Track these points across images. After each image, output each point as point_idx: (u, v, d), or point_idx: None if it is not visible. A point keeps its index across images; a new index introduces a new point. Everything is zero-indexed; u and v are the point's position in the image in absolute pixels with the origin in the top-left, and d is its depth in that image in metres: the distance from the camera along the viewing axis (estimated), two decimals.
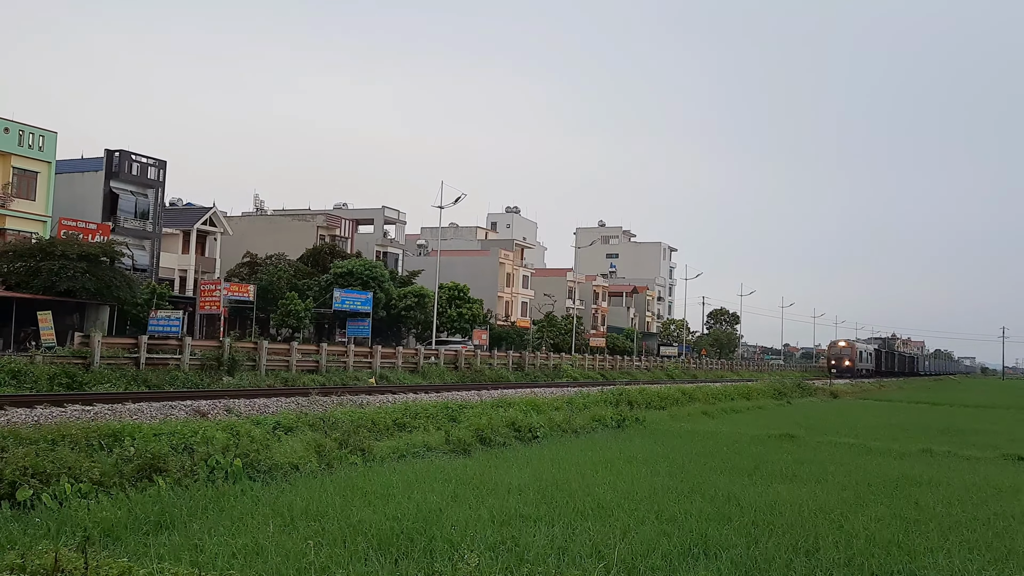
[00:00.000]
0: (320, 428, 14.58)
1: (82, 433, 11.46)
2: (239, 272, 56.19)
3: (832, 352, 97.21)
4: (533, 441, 16.16)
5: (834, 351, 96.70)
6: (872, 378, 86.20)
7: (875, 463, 15.12)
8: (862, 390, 56.67)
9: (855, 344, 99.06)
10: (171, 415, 17.24)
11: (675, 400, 29.30)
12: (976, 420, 30.08)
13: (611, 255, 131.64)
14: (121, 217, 49.56)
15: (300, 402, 20.53)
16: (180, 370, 27.21)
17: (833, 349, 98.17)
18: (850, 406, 37.34)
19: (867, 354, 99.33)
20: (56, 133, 45.66)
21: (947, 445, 19.15)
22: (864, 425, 24.66)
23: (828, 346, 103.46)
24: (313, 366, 33.22)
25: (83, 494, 8.73)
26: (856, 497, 11.02)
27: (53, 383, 22.38)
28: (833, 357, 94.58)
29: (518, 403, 20.65)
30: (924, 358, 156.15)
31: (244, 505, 8.75)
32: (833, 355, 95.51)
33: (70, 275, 35.55)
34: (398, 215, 78.26)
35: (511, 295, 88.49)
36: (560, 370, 50.37)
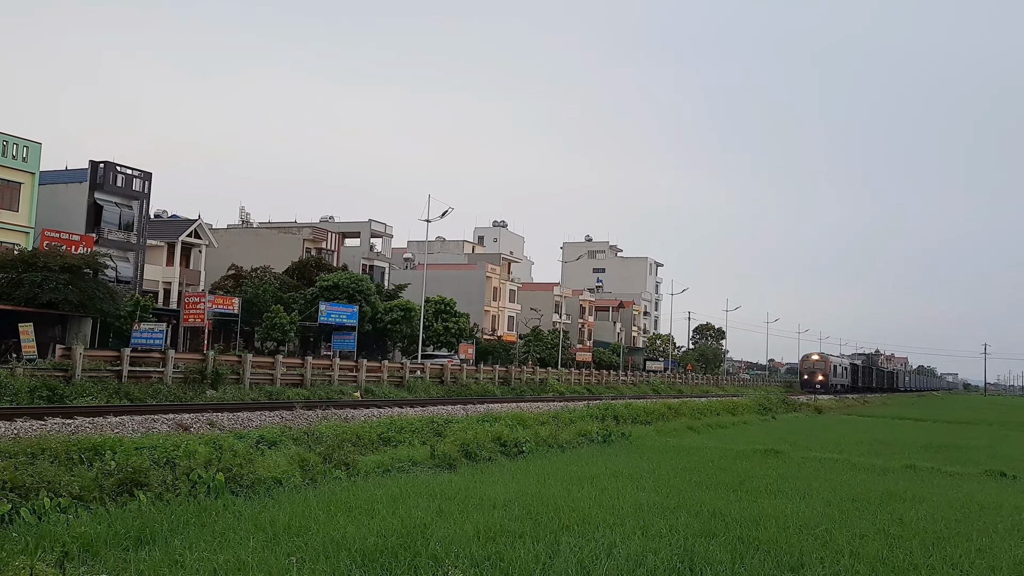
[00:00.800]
0: (304, 442, 14.50)
1: (62, 447, 11.34)
2: (224, 285, 55.88)
3: (804, 366, 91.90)
4: (519, 456, 16.10)
5: (806, 365, 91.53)
6: (848, 394, 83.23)
7: (859, 479, 15.16)
8: (846, 406, 56.93)
9: (829, 358, 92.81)
10: (153, 429, 17.09)
11: (661, 415, 29.32)
12: (959, 436, 30.26)
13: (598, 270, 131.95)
14: (105, 229, 49.22)
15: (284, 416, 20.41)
16: (163, 383, 26.99)
17: (805, 363, 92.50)
18: (834, 422, 37.47)
19: (842, 369, 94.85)
20: (40, 144, 45.38)
21: (930, 461, 19.24)
22: (848, 441, 24.74)
23: (800, 360, 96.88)
24: (298, 380, 33.02)
25: (62, 508, 8.63)
26: (841, 513, 11.04)
27: (34, 396, 22.13)
28: (805, 372, 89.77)
29: (504, 418, 20.61)
30: (904, 373, 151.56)
31: (226, 520, 8.65)
32: (805, 369, 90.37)
33: (52, 287, 35.23)
34: (385, 228, 78.19)
35: (498, 309, 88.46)
36: (546, 385, 50.33)
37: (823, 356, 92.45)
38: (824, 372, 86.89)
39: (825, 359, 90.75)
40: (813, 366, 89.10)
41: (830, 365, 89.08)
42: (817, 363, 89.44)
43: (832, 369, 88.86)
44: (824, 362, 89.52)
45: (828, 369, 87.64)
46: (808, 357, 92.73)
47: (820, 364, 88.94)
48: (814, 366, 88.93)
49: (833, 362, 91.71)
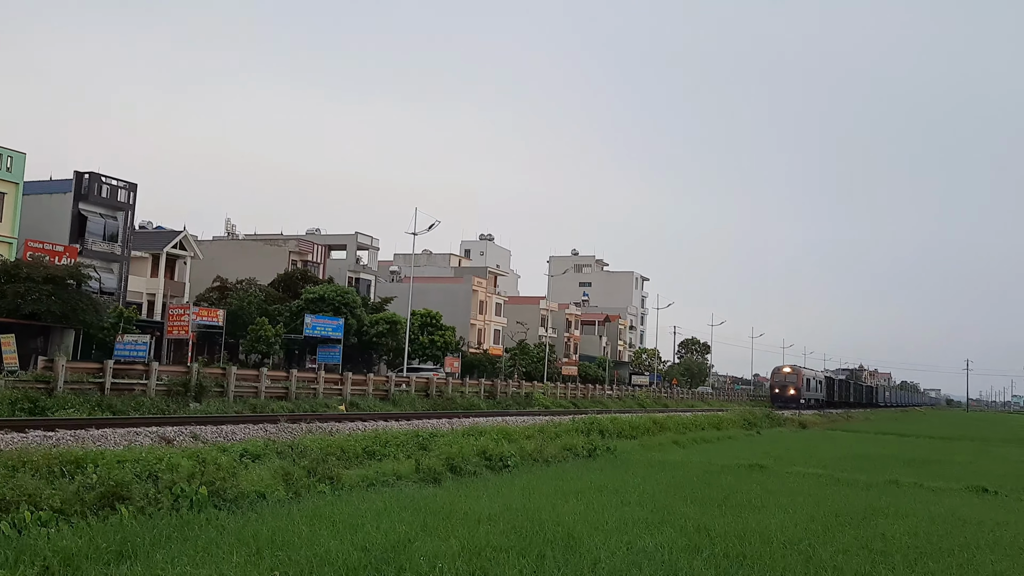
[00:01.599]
0: (288, 456, 14.41)
1: (43, 460, 11.21)
2: (209, 296, 55.59)
3: (775, 380, 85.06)
4: (504, 470, 16.08)
5: (777, 379, 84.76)
6: (822, 409, 78.12)
7: (842, 494, 15.24)
8: (830, 421, 57.20)
9: (801, 371, 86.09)
10: (136, 442, 16.94)
11: (646, 429, 29.35)
12: (941, 451, 30.46)
13: (584, 284, 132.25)
14: (89, 240, 48.90)
15: (268, 429, 20.29)
16: (146, 396, 26.78)
17: (776, 376, 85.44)
18: (818, 437, 37.64)
19: (816, 382, 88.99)
20: (25, 154, 45.12)
21: (913, 476, 19.37)
22: (832, 456, 24.86)
23: (771, 373, 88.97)
24: (282, 392, 32.85)
25: (43, 522, 8.54)
26: (824, 528, 11.09)
27: (15, 408, 21.91)
28: (776, 385, 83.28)
29: (489, 432, 20.58)
30: (884, 389, 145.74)
31: (209, 535, 8.59)
32: (776, 383, 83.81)
33: (35, 298, 34.94)
34: (371, 241, 78.08)
35: (484, 322, 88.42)
36: (532, 398, 50.28)
37: (795, 369, 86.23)
38: (796, 386, 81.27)
39: (797, 372, 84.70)
40: (784, 379, 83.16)
41: (803, 378, 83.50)
42: (788, 376, 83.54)
43: (805, 383, 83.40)
44: (796, 375, 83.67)
45: (801, 383, 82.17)
46: (779, 370, 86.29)
47: (792, 377, 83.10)
48: (785, 379, 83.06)
49: (806, 375, 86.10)
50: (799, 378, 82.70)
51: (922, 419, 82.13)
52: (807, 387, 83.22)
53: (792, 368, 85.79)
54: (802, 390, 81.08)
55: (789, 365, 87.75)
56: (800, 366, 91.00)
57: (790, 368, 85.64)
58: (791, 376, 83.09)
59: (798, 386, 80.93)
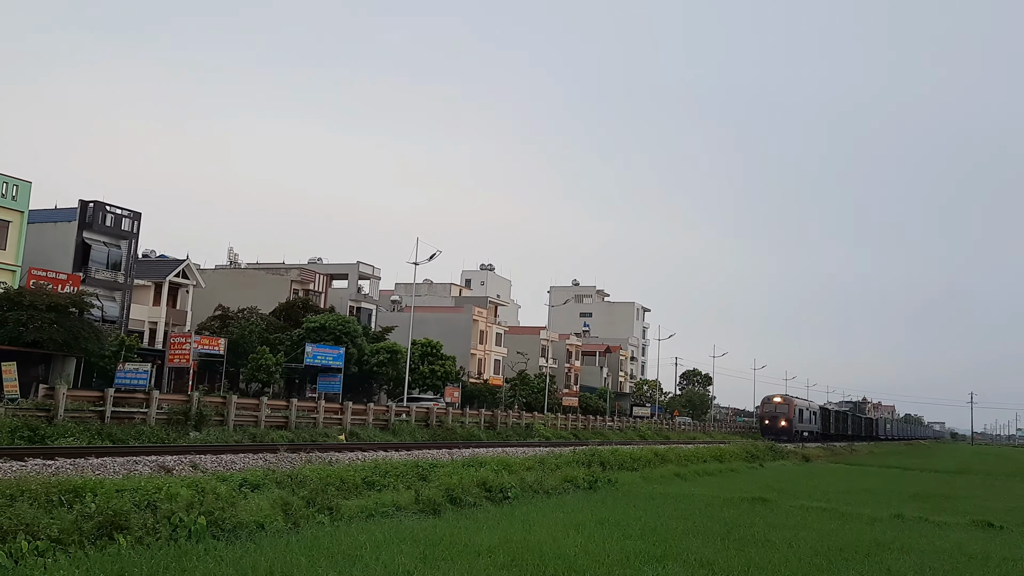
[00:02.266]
0: (288, 486, 14.30)
1: (42, 488, 11.15)
2: (210, 325, 55.59)
3: (765, 410, 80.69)
4: (504, 502, 15.96)
5: (767, 409, 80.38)
6: (817, 442, 75.07)
7: (847, 528, 15.11)
8: (833, 454, 56.85)
9: (794, 401, 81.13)
10: (135, 471, 16.84)
11: (648, 461, 29.16)
12: (946, 486, 30.23)
13: (585, 314, 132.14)
14: (93, 268, 49.03)
15: (268, 458, 20.18)
16: (146, 424, 26.64)
17: (766, 406, 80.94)
18: (822, 470, 37.38)
19: (811, 413, 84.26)
20: (30, 183, 45.41)
21: (918, 511, 19.21)
22: (836, 489, 24.68)
23: (761, 403, 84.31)
24: (282, 422, 32.69)
25: (40, 552, 8.48)
26: (828, 562, 10.99)
27: (14, 436, 21.78)
28: (766, 416, 79.06)
29: (490, 462, 20.46)
30: (885, 421, 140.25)
31: (207, 565, 8.52)
32: (766, 414, 79.58)
33: (37, 326, 34.96)
34: (372, 271, 78.28)
35: (484, 352, 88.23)
36: (532, 429, 49.98)
37: (786, 399, 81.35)
38: (787, 417, 76.73)
39: (789, 402, 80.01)
40: (775, 410, 78.64)
41: (795, 409, 78.53)
42: (780, 406, 78.94)
43: (797, 413, 78.74)
44: (788, 405, 78.99)
45: (792, 414, 77.44)
46: (769, 399, 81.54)
47: (783, 408, 78.44)
48: (776, 410, 78.49)
49: (799, 405, 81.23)
50: (791, 408, 78.39)
51: (926, 452, 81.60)
52: (800, 418, 78.88)
53: (783, 398, 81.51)
54: (794, 421, 76.90)
55: (780, 395, 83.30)
56: (793, 396, 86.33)
57: (781, 398, 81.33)
58: (782, 406, 78.77)
59: (789, 417, 76.81)
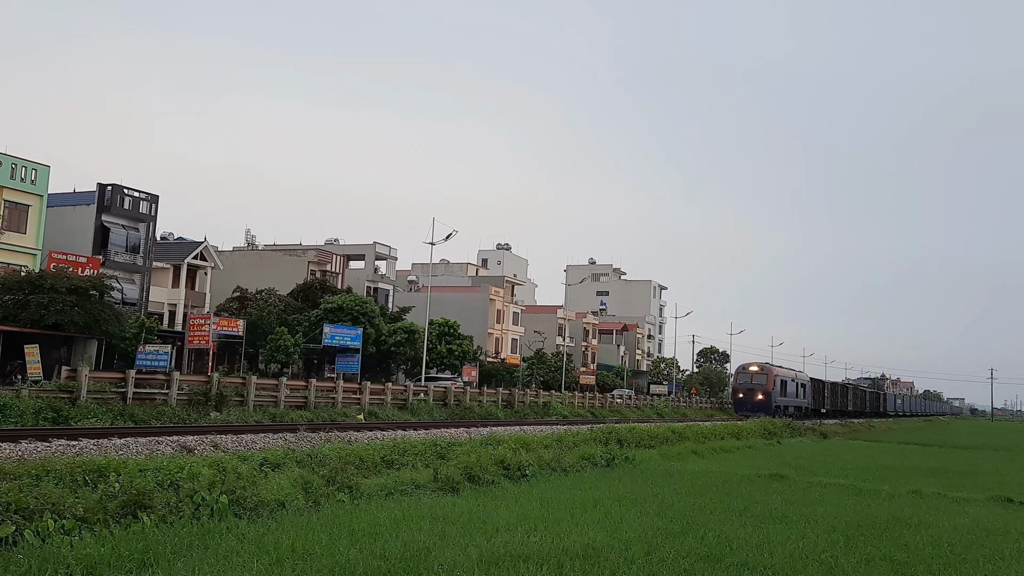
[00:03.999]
0: (307, 465, 14.45)
1: (67, 468, 11.33)
2: (229, 307, 56.05)
3: (739, 381, 67.91)
4: (522, 479, 16.05)
5: (741, 380, 67.48)
6: (808, 419, 65.10)
7: (864, 504, 15.08)
8: (852, 431, 56.68)
9: (773, 370, 67.35)
10: (157, 451, 17.07)
11: (665, 439, 29.18)
12: (965, 461, 30.06)
13: (601, 293, 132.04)
14: (112, 251, 49.49)
15: (288, 438, 20.39)
16: (167, 405, 26.98)
17: (740, 377, 67.98)
18: (840, 446, 37.29)
19: (798, 385, 71.38)
20: (49, 167, 45.78)
21: (937, 487, 19.14)
22: (853, 466, 24.62)
23: (735, 373, 71.53)
24: (301, 402, 32.99)
25: (66, 531, 8.62)
26: (846, 539, 10.99)
27: (39, 417, 22.13)
28: (740, 389, 66.82)
29: (507, 441, 20.54)
30: (896, 396, 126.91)
31: (229, 543, 8.64)
32: (740, 386, 67.06)
33: (59, 308, 35.39)
34: (389, 251, 78.45)
35: (501, 332, 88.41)
36: (550, 408, 50.16)
37: (764, 368, 67.73)
38: (765, 390, 64.74)
39: (767, 372, 66.57)
40: (750, 380, 66.21)
41: (774, 379, 65.70)
42: (756, 376, 66.12)
43: (779, 386, 66.28)
44: (766, 376, 65.91)
45: (772, 385, 65.14)
46: (744, 368, 68.37)
47: (760, 378, 65.75)
48: (751, 381, 66.07)
49: (780, 376, 67.72)
50: (769, 379, 65.58)
51: (945, 428, 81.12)
52: (782, 391, 66.63)
53: (760, 367, 67.90)
54: (773, 394, 64.71)
55: (756, 364, 69.39)
56: (773, 364, 72.22)
57: (757, 367, 67.90)
58: (759, 376, 66.15)
59: (767, 389, 64.76)
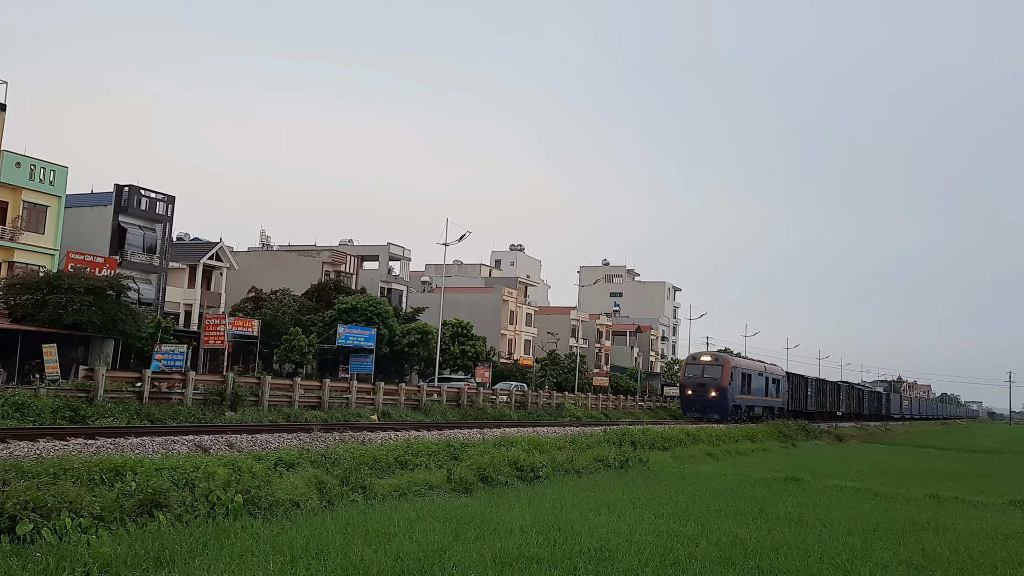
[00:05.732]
0: (322, 465, 14.50)
1: (84, 467, 11.42)
2: (244, 307, 56.37)
3: (688, 375, 51.81)
4: (535, 481, 16.04)
5: (691, 373, 51.49)
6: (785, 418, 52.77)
7: (881, 508, 14.97)
8: (868, 434, 56.28)
9: (730, 361, 51.99)
10: (173, 450, 17.17)
11: (679, 441, 29.09)
12: (983, 465, 29.78)
13: (615, 294, 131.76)
14: (129, 251, 49.88)
15: (302, 438, 20.45)
16: (183, 404, 27.14)
17: (690, 369, 52.08)
18: (855, 450, 37.05)
19: (767, 381, 55.95)
20: (67, 168, 46.17)
21: (954, 490, 18.97)
22: (870, 469, 24.45)
23: (684, 364, 55.85)
24: (316, 402, 33.11)
25: (83, 529, 8.68)
26: (863, 542, 10.91)
27: (56, 416, 22.31)
28: (689, 385, 50.92)
29: (520, 442, 20.54)
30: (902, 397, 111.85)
31: (244, 542, 8.68)
32: (689, 381, 51.10)
33: (76, 308, 35.70)
34: (403, 252, 78.64)
35: (514, 333, 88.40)
36: (563, 409, 50.10)
37: (719, 358, 52.63)
38: (719, 385, 49.29)
39: (723, 362, 51.24)
40: (702, 374, 50.60)
41: (732, 372, 50.33)
42: (708, 368, 50.69)
43: (739, 380, 51.02)
44: (720, 367, 50.49)
45: (728, 380, 49.66)
46: (695, 359, 53.42)
47: (713, 371, 50.33)
48: (703, 374, 50.50)
49: (741, 368, 52.39)
50: (725, 372, 50.01)
51: (962, 432, 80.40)
52: (744, 387, 51.63)
53: (714, 357, 53.04)
54: (730, 391, 49.57)
55: (709, 353, 55.71)
56: (733, 355, 60.23)
57: (710, 357, 53.02)
58: (712, 369, 50.59)
59: (721, 385, 49.37)
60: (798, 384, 63.34)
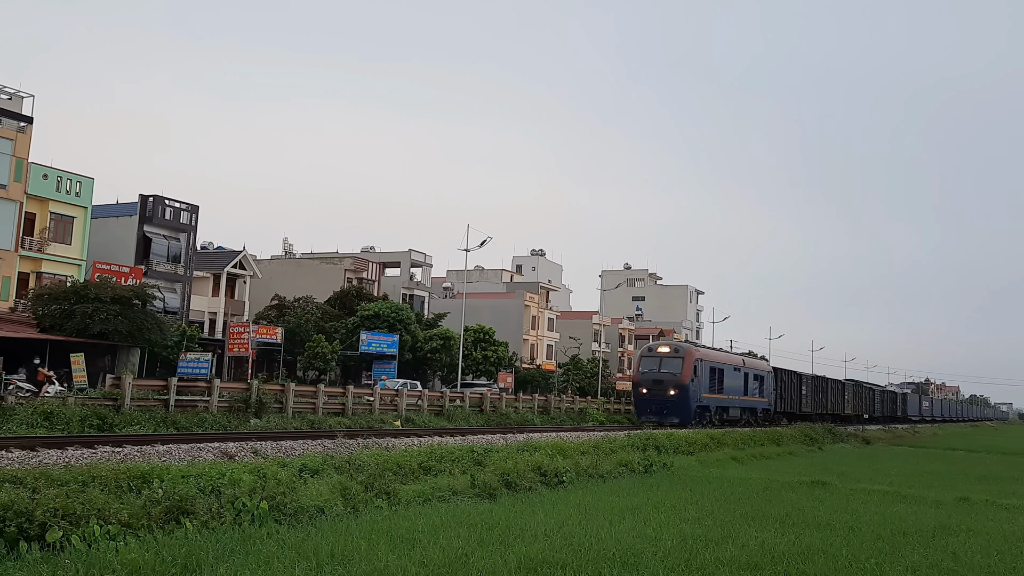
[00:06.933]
0: (346, 471, 14.55)
1: (112, 475, 11.53)
2: (267, 315, 56.84)
3: (641, 371, 41.87)
4: (559, 486, 16.00)
5: (645, 367, 41.60)
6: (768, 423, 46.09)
7: (910, 511, 14.77)
8: (896, 436, 55.57)
9: (695, 352, 41.76)
10: (199, 457, 17.31)
11: (703, 445, 28.89)
12: (1014, 468, 29.31)
13: (637, 298, 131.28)
14: (154, 260, 50.48)
15: (326, 444, 20.54)
16: (208, 412, 27.38)
17: (645, 362, 42.03)
18: (883, 453, 36.60)
19: (746, 378, 46.23)
20: (93, 179, 46.87)
21: (985, 493, 18.68)
22: (898, 473, 24.15)
23: (638, 357, 44.73)
24: (339, 408, 33.27)
25: (112, 536, 8.78)
26: (892, 547, 10.76)
27: (84, 424, 22.59)
28: (643, 382, 41.18)
29: (544, 447, 20.50)
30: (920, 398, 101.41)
31: (270, 548, 8.73)
32: (644, 378, 41.24)
33: (103, 318, 36.16)
34: (424, 258, 78.95)
35: (536, 338, 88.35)
36: (586, 414, 49.94)
37: (679, 349, 42.03)
38: (678, 382, 39.72)
39: (686, 355, 40.68)
40: (659, 368, 40.71)
41: (695, 366, 40.36)
42: (667, 361, 40.66)
43: (705, 376, 41.46)
44: (681, 360, 40.36)
45: (690, 375, 39.94)
46: (651, 351, 42.83)
47: (672, 364, 40.38)
48: (660, 368, 40.63)
49: (709, 361, 42.57)
50: (686, 365, 40.07)
51: (992, 434, 79.17)
52: (712, 384, 42.26)
53: (673, 347, 42.57)
54: (694, 389, 40.16)
55: (667, 343, 45.20)
56: (699, 345, 48.95)
57: (670, 348, 42.56)
58: (671, 362, 40.54)
59: (681, 382, 39.71)
60: (789, 382, 53.82)
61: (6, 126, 43.11)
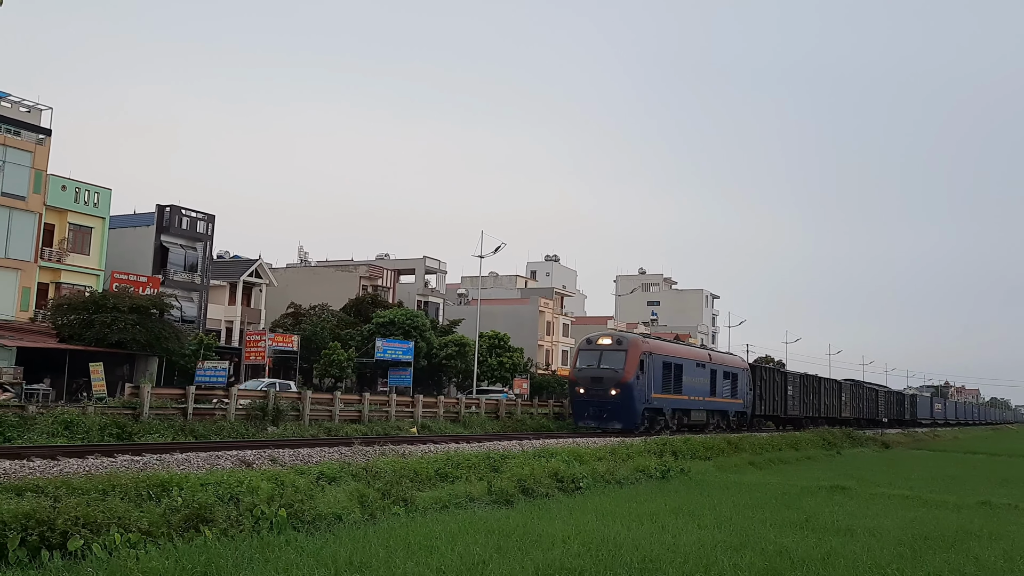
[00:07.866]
0: (363, 478, 14.60)
1: (132, 483, 11.63)
2: (283, 322, 57.11)
3: (580, 367, 35.31)
4: (576, 492, 15.97)
5: (584, 363, 35.04)
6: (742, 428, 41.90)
7: (931, 516, 14.63)
8: (915, 440, 55.05)
9: (642, 345, 34.92)
10: (217, 465, 17.41)
11: (721, 450, 28.75)
12: None
13: (652, 302, 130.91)
14: (171, 270, 50.88)
15: (343, 452, 20.62)
16: (226, 420, 27.53)
17: (583, 356, 35.43)
18: (903, 456, 36.28)
19: (713, 376, 40.26)
20: (110, 190, 47.34)
21: (1007, 497, 18.48)
22: (918, 477, 23.94)
23: (576, 352, 37.17)
24: (355, 416, 33.35)
25: (132, 544, 8.84)
26: (913, 552, 10.66)
27: (104, 433, 22.76)
28: (581, 381, 34.84)
29: (560, 453, 20.48)
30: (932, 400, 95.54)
31: (289, 556, 8.76)
32: (582, 376, 34.81)
33: (121, 327, 36.49)
34: (439, 265, 79.09)
35: (551, 343, 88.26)
36: None
37: (623, 341, 35.28)
38: (620, 380, 33.40)
39: (630, 348, 34.33)
40: (599, 363, 34.44)
41: (643, 360, 34.24)
42: (608, 355, 34.36)
43: (659, 374, 35.55)
44: (624, 353, 34.05)
45: (638, 372, 33.81)
46: (591, 343, 35.83)
47: (614, 358, 34.14)
48: (600, 363, 34.40)
49: (661, 356, 36.25)
50: (630, 360, 33.84)
51: (1013, 437, 78.26)
52: (668, 382, 36.20)
53: (616, 339, 35.68)
54: (641, 389, 34.05)
55: (611, 334, 38.02)
56: (649, 337, 43.58)
57: (611, 339, 35.62)
58: (612, 356, 34.33)
59: (624, 380, 33.41)
60: (770, 381, 46.81)
61: (25, 138, 43.63)
